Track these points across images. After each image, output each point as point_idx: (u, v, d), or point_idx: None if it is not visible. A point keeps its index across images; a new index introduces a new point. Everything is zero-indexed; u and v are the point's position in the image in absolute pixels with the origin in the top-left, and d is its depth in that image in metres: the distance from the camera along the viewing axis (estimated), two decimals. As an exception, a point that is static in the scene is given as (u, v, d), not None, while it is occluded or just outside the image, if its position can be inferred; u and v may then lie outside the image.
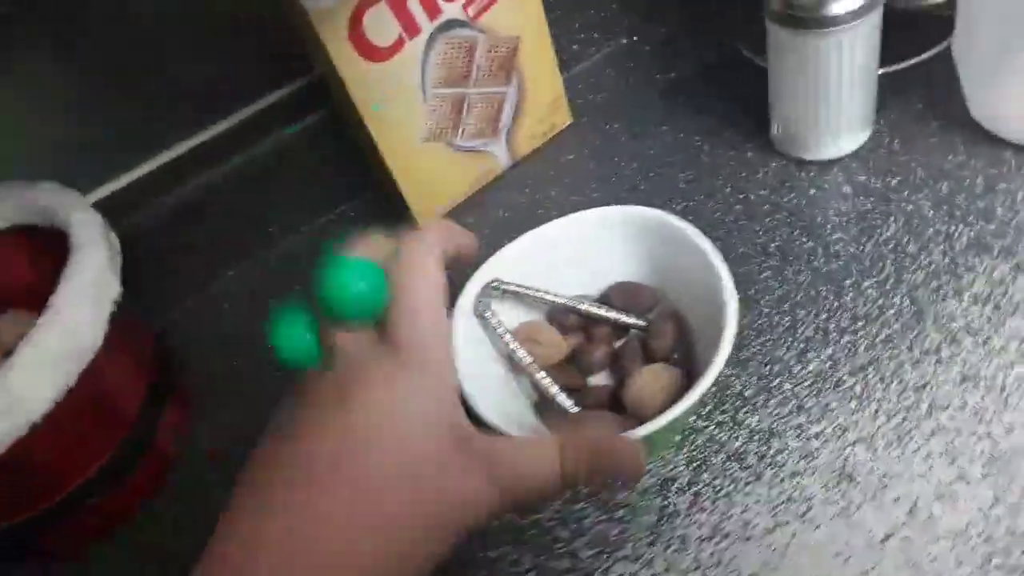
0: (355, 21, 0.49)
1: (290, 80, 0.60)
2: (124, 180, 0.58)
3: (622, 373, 0.45)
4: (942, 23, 0.55)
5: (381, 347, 0.29)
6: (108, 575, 0.50)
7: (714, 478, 0.43)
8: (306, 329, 0.30)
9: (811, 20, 0.47)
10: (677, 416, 0.38)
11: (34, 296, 0.52)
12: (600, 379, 0.47)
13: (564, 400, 0.43)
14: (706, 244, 0.43)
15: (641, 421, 0.38)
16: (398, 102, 0.53)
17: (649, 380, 0.43)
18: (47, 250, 0.51)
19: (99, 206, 0.50)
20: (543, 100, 0.60)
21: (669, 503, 0.43)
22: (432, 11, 0.51)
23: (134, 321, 0.50)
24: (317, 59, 0.53)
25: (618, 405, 0.44)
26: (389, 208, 0.61)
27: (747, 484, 0.43)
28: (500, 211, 0.60)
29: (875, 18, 0.48)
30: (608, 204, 0.57)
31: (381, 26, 0.50)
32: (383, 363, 0.29)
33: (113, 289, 0.45)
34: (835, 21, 0.47)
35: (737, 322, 0.40)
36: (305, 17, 0.47)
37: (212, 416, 0.55)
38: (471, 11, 0.53)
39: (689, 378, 0.43)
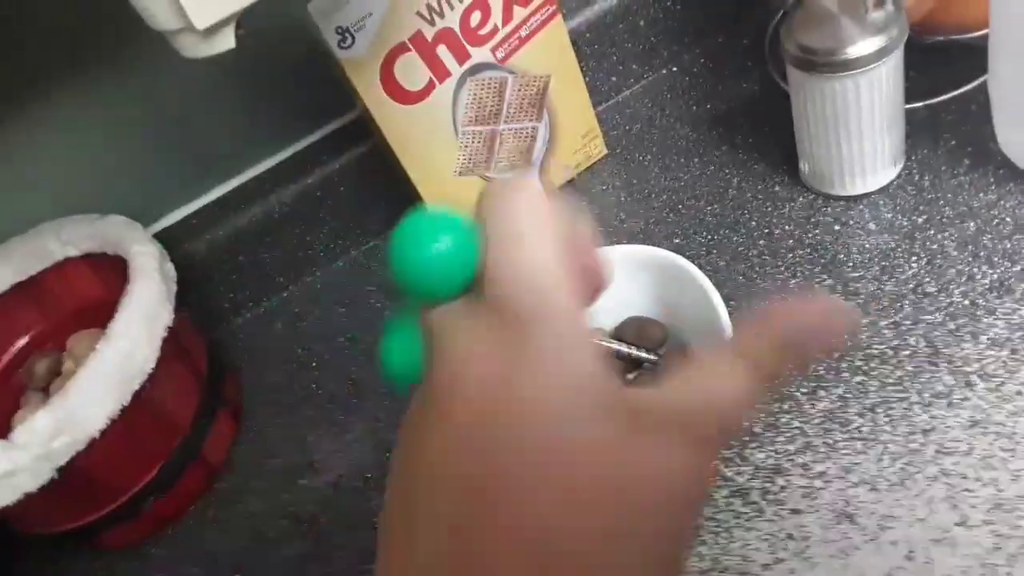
0: (386, 68, 0.52)
1: (337, 115, 0.64)
2: (186, 210, 0.63)
3: None
4: (981, 56, 0.54)
5: (483, 321, 0.21)
6: (161, 571, 0.54)
7: (716, 512, 0.44)
8: (417, 345, 0.23)
9: (825, 64, 0.48)
10: None
11: (106, 316, 0.57)
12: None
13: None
14: (707, 283, 0.45)
15: None
16: (431, 139, 0.56)
17: None
18: (113, 275, 0.57)
19: (165, 233, 0.56)
20: (575, 133, 0.62)
21: (670, 535, 0.44)
22: (461, 57, 0.54)
23: (189, 339, 0.55)
24: (356, 99, 0.56)
25: None
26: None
27: (749, 520, 0.44)
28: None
29: (895, 59, 0.48)
30: (636, 235, 0.59)
31: (411, 72, 0.53)
32: (492, 350, 0.21)
33: (165, 317, 0.49)
34: (853, 65, 0.47)
35: None
36: (339, 67, 0.51)
37: (259, 428, 0.59)
38: (499, 54, 0.56)
39: None
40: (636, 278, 0.48)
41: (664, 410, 0.21)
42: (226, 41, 0.31)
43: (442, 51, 0.53)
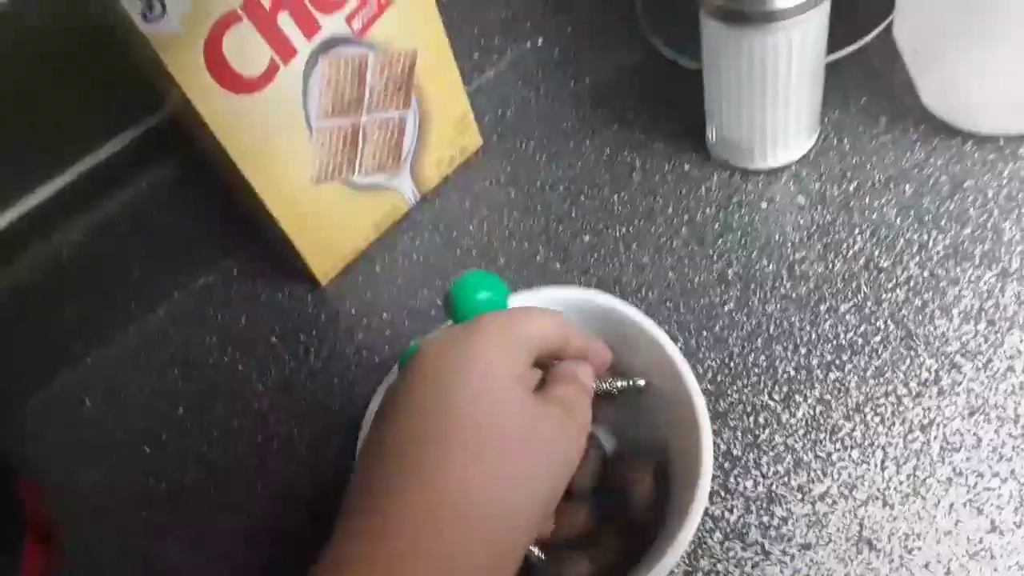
0: (212, 47, 0.39)
1: (137, 119, 0.49)
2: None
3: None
4: (879, 2, 0.51)
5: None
6: None
7: (715, 564, 0.36)
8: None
9: (757, 15, 0.41)
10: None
11: None
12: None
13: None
14: (643, 319, 0.37)
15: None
16: (278, 140, 0.44)
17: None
18: None
19: None
20: (449, 120, 0.52)
21: (667, 603, 0.36)
22: (309, 28, 0.42)
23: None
24: (168, 95, 0.42)
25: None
26: (279, 263, 0.51)
27: (755, 567, 0.36)
28: (413, 256, 0.51)
29: (826, 6, 0.42)
30: (538, 235, 0.50)
31: (247, 51, 0.40)
32: (450, 333, 0.30)
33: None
34: (785, 14, 0.41)
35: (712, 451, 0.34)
36: (147, 46, 0.37)
37: (84, 549, 0.44)
38: (356, 24, 0.44)
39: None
40: (583, 324, 0.38)
41: (559, 393, 0.31)
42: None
43: (285, 21, 0.41)
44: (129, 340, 0.51)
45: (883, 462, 0.38)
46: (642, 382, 0.36)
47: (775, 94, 0.45)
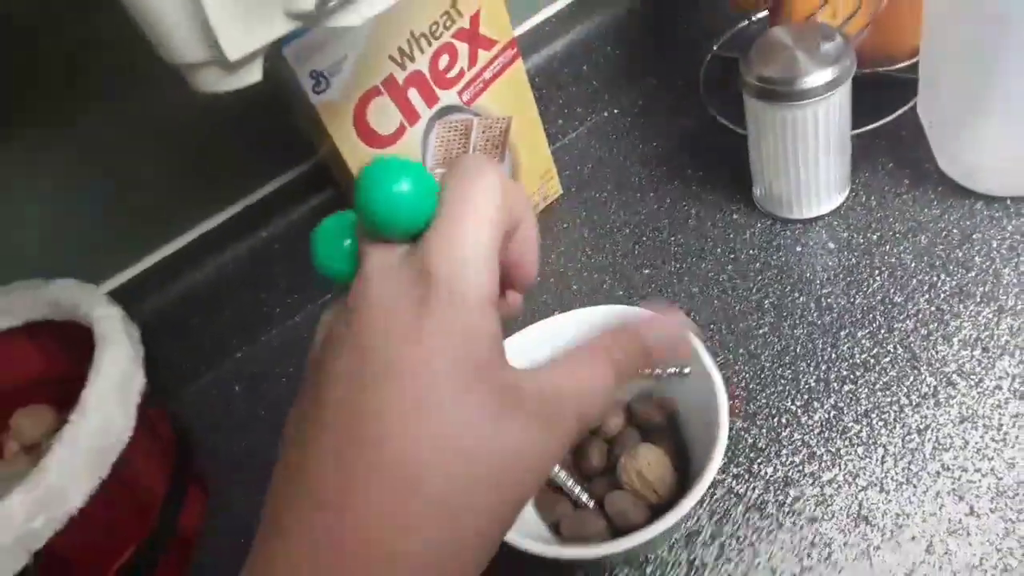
0: (359, 112, 0.51)
1: (293, 165, 0.62)
2: (131, 271, 0.59)
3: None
4: (906, 85, 0.60)
5: (409, 271, 0.24)
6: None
7: (737, 529, 0.45)
8: (350, 239, 0.26)
9: (788, 94, 0.51)
10: (670, 526, 0.38)
11: (51, 389, 0.52)
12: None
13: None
14: (699, 345, 0.44)
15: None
16: (402, 184, 0.56)
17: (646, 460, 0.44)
18: (62, 344, 0.52)
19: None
20: (536, 173, 0.63)
21: (696, 556, 0.44)
22: (430, 99, 0.54)
23: (154, 409, 0.51)
24: (322, 145, 0.55)
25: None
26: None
27: (769, 533, 0.44)
28: (501, 282, 0.62)
29: (847, 87, 0.51)
30: (606, 268, 0.60)
31: (384, 116, 0.52)
32: (406, 294, 0.23)
33: (139, 382, 0.46)
34: (809, 93, 0.50)
35: (727, 435, 0.40)
36: (312, 111, 0.50)
37: (230, 500, 0.55)
38: (465, 96, 0.56)
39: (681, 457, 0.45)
40: None
41: (531, 391, 0.24)
42: (254, 73, 0.30)
43: (412, 94, 0.53)
44: (272, 340, 0.64)
45: (883, 457, 0.45)
46: (688, 369, 0.44)
47: (807, 157, 0.54)
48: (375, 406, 0.23)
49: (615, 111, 0.72)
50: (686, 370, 0.44)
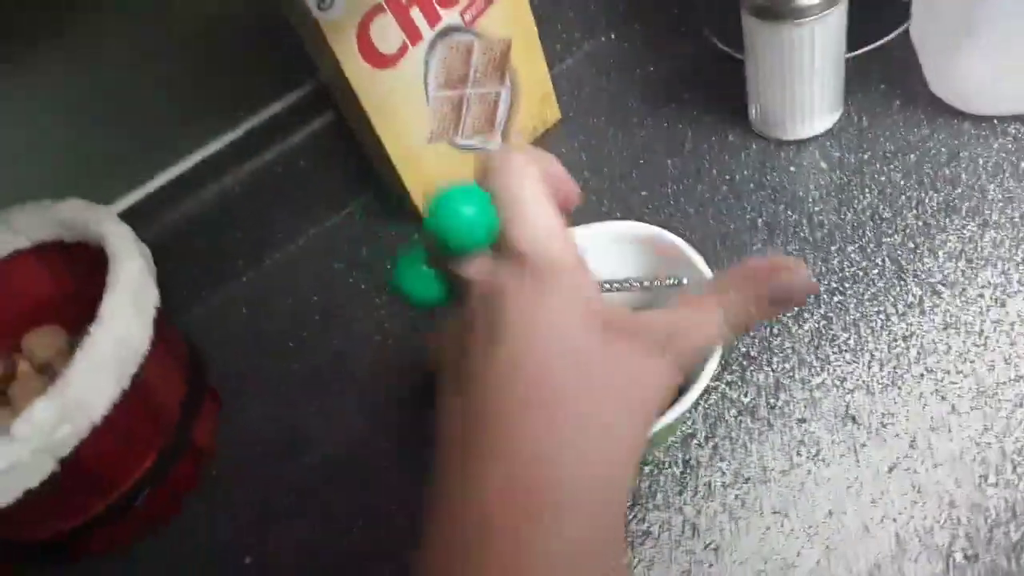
0: (363, 31, 0.52)
1: (295, 87, 0.63)
2: (136, 194, 0.60)
3: None
4: (898, 9, 0.60)
5: (509, 268, 0.28)
6: (152, 571, 0.51)
7: (730, 431, 0.47)
8: (428, 268, 0.30)
9: (785, 12, 0.51)
10: (673, 420, 0.40)
11: (61, 310, 0.54)
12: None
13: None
14: (694, 254, 0.46)
15: None
16: (404, 105, 0.56)
17: None
18: (71, 264, 0.53)
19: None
20: (535, 97, 0.64)
21: (691, 456, 0.47)
22: (432, 18, 0.54)
23: (169, 324, 0.52)
24: (323, 67, 0.55)
25: None
26: (393, 207, 0.64)
27: (760, 433, 0.47)
28: (501, 204, 0.63)
29: (843, 7, 0.52)
30: (604, 191, 0.61)
31: (386, 35, 0.53)
32: (518, 284, 0.28)
33: (153, 295, 0.47)
34: (806, 12, 0.51)
35: None
36: (316, 28, 0.50)
37: (241, 411, 0.57)
38: (467, 16, 0.56)
39: None
40: (612, 252, 0.48)
41: (651, 329, 0.29)
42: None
43: (415, 13, 0.53)
44: (278, 262, 0.65)
45: (869, 362, 0.48)
46: (685, 280, 0.46)
47: (802, 77, 0.55)
48: (537, 358, 0.27)
49: (613, 36, 0.72)
50: (684, 280, 0.46)
